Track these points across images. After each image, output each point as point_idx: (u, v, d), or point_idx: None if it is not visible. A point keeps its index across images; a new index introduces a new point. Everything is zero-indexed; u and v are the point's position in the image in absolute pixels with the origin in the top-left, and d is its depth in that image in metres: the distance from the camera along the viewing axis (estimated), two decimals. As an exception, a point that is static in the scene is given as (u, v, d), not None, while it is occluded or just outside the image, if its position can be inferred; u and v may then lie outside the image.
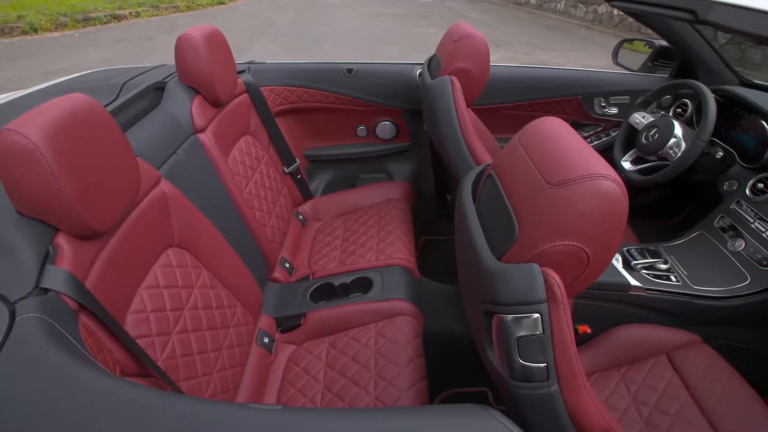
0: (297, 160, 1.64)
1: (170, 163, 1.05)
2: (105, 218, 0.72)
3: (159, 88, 1.22)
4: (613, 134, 1.78)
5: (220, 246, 1.07)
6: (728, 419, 0.96)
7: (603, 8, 8.22)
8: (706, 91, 1.32)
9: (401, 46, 6.35)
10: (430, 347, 1.18)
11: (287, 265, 1.43)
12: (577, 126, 1.83)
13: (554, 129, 0.60)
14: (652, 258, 1.25)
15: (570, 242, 0.51)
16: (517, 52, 6.05)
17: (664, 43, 1.70)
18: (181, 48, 1.19)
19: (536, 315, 0.52)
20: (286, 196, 1.59)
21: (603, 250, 0.53)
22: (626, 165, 1.50)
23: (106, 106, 1.04)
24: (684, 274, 1.22)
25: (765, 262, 1.16)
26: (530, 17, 9.26)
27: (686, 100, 1.49)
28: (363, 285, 1.29)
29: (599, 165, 0.52)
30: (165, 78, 1.28)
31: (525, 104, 1.75)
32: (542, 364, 0.54)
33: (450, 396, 1.31)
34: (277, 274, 1.38)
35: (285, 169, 1.60)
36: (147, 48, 6.05)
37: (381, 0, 10.41)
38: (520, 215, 0.56)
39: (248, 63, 1.63)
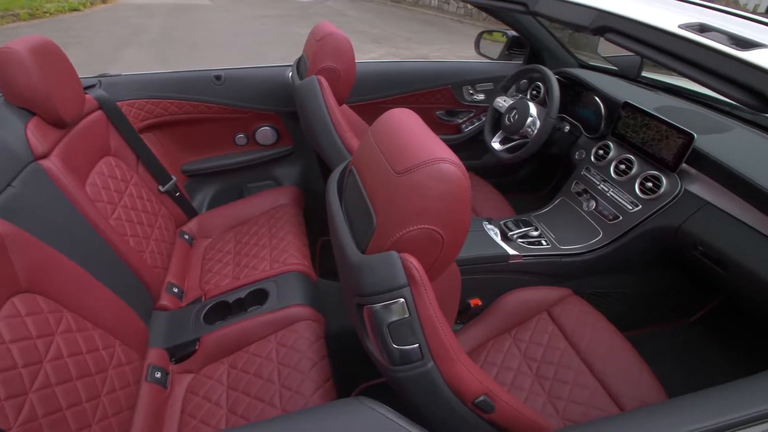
0: (173, 177, 1.52)
1: (5, 198, 0.91)
2: None
3: None
4: (484, 119, 1.93)
5: (84, 283, 0.95)
6: (598, 356, 1.11)
7: (471, 3, 8.85)
8: (550, 74, 1.49)
9: (285, 47, 6.22)
10: (336, 346, 1.18)
11: (175, 290, 1.33)
12: (451, 113, 1.95)
13: (399, 120, 0.63)
14: (525, 227, 1.38)
15: (422, 226, 0.54)
16: (398, 47, 6.27)
17: (516, 33, 1.88)
18: (2, 63, 1.03)
19: (401, 299, 0.55)
20: (166, 216, 1.47)
21: (455, 229, 0.57)
22: (496, 145, 1.64)
23: None
24: (552, 237, 1.37)
25: (611, 217, 1.34)
26: (408, 14, 9.64)
27: (538, 83, 1.66)
28: (259, 297, 1.25)
29: (438, 149, 0.55)
30: None
31: (401, 97, 1.82)
32: (415, 345, 0.57)
33: (365, 389, 1.32)
34: (165, 301, 1.27)
35: (160, 187, 1.48)
36: (-18, 66, 5.15)
37: (257, 2, 10.06)
38: (376, 206, 0.58)
39: (99, 77, 1.47)
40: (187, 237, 1.54)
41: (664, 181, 1.25)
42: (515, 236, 1.34)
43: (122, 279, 1.13)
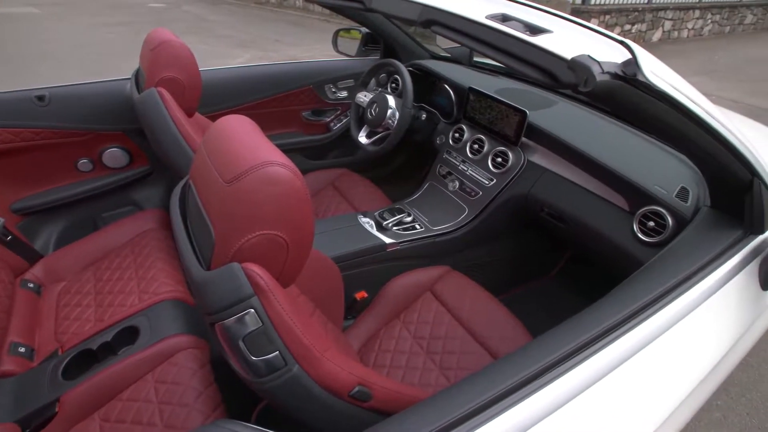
0: (1, 218, 1.29)
1: None
2: None
3: None
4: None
5: None
6: (478, 322, 1.20)
7: (336, 1, 8.92)
8: (401, 66, 1.57)
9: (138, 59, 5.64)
10: (226, 369, 1.12)
11: (22, 350, 1.14)
12: (318, 113, 1.96)
13: (228, 128, 0.61)
14: (399, 215, 1.44)
15: (261, 232, 0.53)
16: (266, 50, 6.09)
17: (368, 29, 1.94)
18: None
19: (251, 310, 0.53)
20: (-3, 266, 1.25)
21: (297, 229, 0.57)
22: (362, 139, 1.68)
23: None
24: (425, 220, 1.46)
25: (473, 194, 1.47)
26: (273, 15, 9.40)
27: (396, 76, 1.74)
28: (129, 335, 1.12)
29: (265, 153, 0.54)
30: None
31: (263, 101, 1.77)
32: (275, 353, 0.56)
33: (263, 408, 1.28)
34: (8, 365, 1.08)
35: None
36: None
37: (101, 10, 8.96)
38: (212, 219, 0.56)
39: None
40: (31, 285, 1.32)
41: (510, 155, 1.40)
42: (390, 225, 1.39)
43: None
